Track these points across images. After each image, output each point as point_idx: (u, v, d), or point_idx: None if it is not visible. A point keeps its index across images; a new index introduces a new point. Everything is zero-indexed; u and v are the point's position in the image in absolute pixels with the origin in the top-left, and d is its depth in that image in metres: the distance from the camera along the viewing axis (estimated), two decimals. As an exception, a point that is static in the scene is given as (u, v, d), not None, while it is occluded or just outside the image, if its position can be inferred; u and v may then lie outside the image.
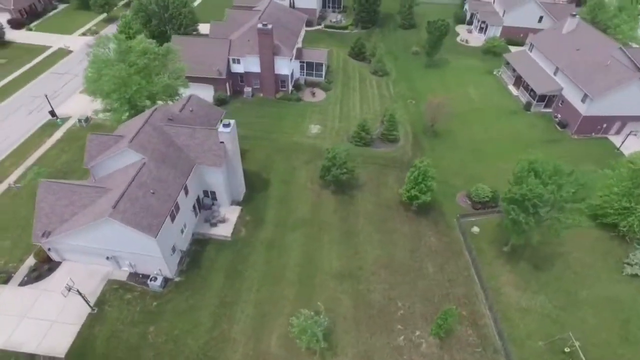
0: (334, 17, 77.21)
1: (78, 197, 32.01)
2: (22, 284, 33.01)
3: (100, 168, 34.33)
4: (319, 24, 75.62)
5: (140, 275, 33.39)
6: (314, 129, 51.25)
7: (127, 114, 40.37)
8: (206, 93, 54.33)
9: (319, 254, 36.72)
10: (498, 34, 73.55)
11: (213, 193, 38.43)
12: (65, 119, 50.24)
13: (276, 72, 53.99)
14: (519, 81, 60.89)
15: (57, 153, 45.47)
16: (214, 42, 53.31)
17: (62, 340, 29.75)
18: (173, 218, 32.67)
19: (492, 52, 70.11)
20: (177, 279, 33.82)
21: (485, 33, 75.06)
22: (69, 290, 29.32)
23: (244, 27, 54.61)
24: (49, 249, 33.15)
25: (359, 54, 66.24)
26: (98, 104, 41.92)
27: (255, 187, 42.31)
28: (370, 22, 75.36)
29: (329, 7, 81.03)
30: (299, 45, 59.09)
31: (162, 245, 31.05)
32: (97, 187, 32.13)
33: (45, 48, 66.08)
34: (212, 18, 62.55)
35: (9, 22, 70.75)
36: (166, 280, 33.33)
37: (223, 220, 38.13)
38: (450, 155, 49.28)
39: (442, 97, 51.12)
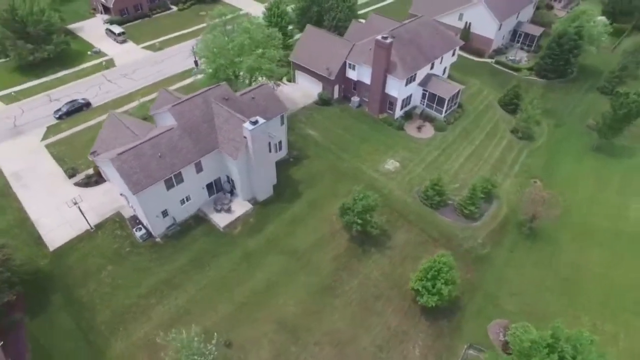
0: (513, 55, 64.09)
1: (122, 134, 36.90)
2: (77, 183, 40.82)
3: (158, 118, 38.48)
4: (491, 57, 64.12)
5: (137, 221, 36.66)
6: (391, 165, 44.76)
7: (213, 80, 43.55)
8: (313, 89, 53.93)
9: (281, 290, 32.81)
10: None
11: (234, 182, 38.38)
12: (201, 71, 57.96)
13: (386, 90, 48.89)
14: None
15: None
16: (338, 41, 51.60)
17: (59, 238, 35.78)
18: (170, 186, 34.26)
19: None
20: (157, 240, 35.86)
21: None
22: (75, 204, 34.61)
23: (375, 35, 50.77)
24: (99, 167, 39.71)
25: (509, 103, 53.61)
26: None
27: (283, 195, 40.32)
28: (555, 73, 59.36)
29: (518, 41, 67.59)
30: (431, 71, 51.51)
31: (145, 204, 33.13)
32: (134, 133, 36.13)
33: (235, 10, 76.92)
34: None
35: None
36: (149, 235, 35.69)
37: (228, 211, 37.94)
38: (527, 271, 36.04)
39: (552, 193, 37.25)
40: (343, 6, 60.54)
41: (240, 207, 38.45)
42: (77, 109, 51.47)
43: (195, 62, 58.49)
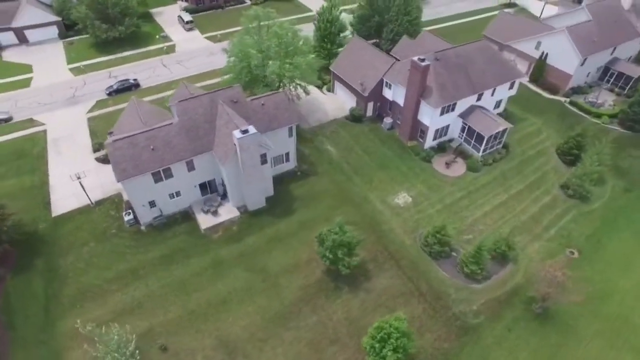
0: (595, 96, 54.46)
1: (136, 120, 38.45)
2: (97, 158, 43.99)
3: (174, 111, 39.51)
4: (566, 96, 55.30)
5: (130, 206, 38.09)
6: (402, 199, 40.81)
7: (236, 81, 43.60)
8: (348, 102, 51.54)
9: (235, 308, 31.56)
10: None
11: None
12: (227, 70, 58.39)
13: (418, 117, 44.68)
14: None
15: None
16: (380, 56, 48.27)
17: (63, 207, 38.73)
18: (158, 180, 34.92)
19: None
20: (142, 228, 36.90)
21: None
22: (78, 179, 37.05)
23: (423, 54, 46.51)
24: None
25: (568, 152, 45.57)
26: None
27: (275, 209, 39.03)
28: (644, 126, 49.28)
29: (608, 81, 57.39)
30: (478, 102, 45.76)
31: (131, 192, 34.26)
32: (142, 122, 37.43)
33: (303, 10, 77.19)
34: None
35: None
36: (136, 221, 36.88)
37: (215, 214, 37.71)
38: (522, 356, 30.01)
39: (563, 266, 30.46)
40: (403, 20, 56.73)
41: (227, 212, 37.98)
42: (126, 88, 55.51)
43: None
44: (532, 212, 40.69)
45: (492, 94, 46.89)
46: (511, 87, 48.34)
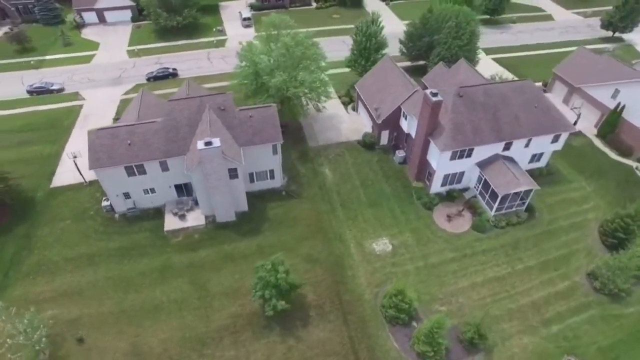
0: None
1: (135, 111, 40.39)
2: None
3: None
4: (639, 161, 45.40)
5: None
6: (381, 245, 37.01)
7: (240, 86, 43.57)
8: (367, 125, 48.52)
9: (163, 319, 31.39)
10: None
11: (199, 192, 38.11)
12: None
13: (427, 156, 40.16)
14: None
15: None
16: (404, 82, 44.12)
17: (61, 180, 42.44)
18: (131, 174, 36.25)
19: None
20: (115, 216, 38.74)
21: None
22: (74, 157, 40.14)
23: (454, 85, 41.57)
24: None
25: (611, 234, 37.12)
26: None
27: (243, 225, 38.19)
28: None
29: None
30: (506, 152, 39.50)
31: (104, 182, 36.23)
32: (138, 114, 39.04)
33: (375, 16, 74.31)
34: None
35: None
36: (111, 209, 38.82)
37: (182, 217, 38.07)
38: None
39: None
40: (452, 44, 51.46)
41: (194, 219, 38.10)
42: (164, 76, 59.03)
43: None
44: (536, 297, 34.05)
45: (527, 145, 40.22)
46: (555, 140, 40.97)
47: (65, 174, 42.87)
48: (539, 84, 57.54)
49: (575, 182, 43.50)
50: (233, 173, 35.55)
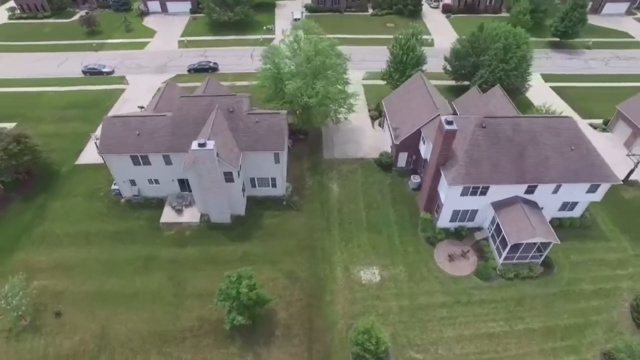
0: None
1: (155, 100, 42.43)
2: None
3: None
4: None
5: (128, 177, 42.50)
6: (370, 275, 35.08)
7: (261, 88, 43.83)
8: (387, 144, 46.39)
9: (136, 308, 32.45)
10: None
11: (199, 189, 38.88)
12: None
13: (438, 187, 37.42)
14: None
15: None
16: (428, 103, 41.33)
17: (86, 159, 45.94)
18: (137, 163, 37.96)
19: None
20: (122, 201, 40.89)
21: None
22: (96, 140, 42.97)
23: (482, 112, 38.28)
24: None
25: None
26: None
27: (236, 230, 38.37)
28: None
29: None
30: (529, 195, 35.47)
31: (113, 168, 38.57)
32: (157, 106, 40.76)
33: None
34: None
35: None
36: (119, 194, 41.02)
37: (179, 212, 39.12)
38: None
39: None
40: (497, 67, 47.45)
41: (190, 215, 38.97)
42: (204, 69, 61.32)
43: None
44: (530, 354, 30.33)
45: (555, 192, 35.87)
46: (592, 190, 36.08)
47: (91, 154, 45.98)
48: (599, 121, 51.28)
49: (615, 241, 38.06)
50: (229, 176, 35.79)
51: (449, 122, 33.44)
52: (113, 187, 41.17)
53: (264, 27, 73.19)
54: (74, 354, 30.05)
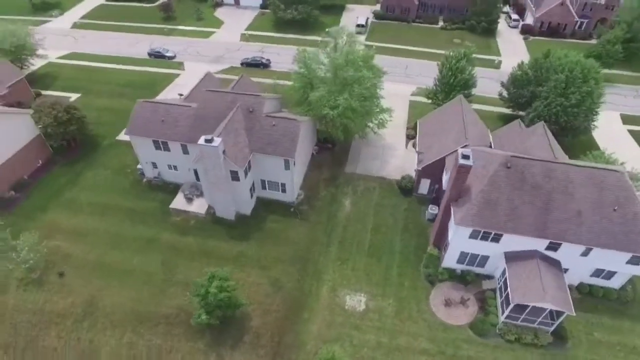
0: None
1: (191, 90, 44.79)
2: (179, 111, 53.04)
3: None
4: None
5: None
6: (355, 301, 33.64)
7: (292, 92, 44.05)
8: (413, 167, 44.17)
9: (128, 285, 34.57)
10: None
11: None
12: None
13: (448, 223, 34.74)
14: None
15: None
16: (458, 131, 38.32)
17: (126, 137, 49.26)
18: (157, 148, 40.33)
19: None
20: (144, 181, 43.71)
21: None
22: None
23: (511, 147, 34.79)
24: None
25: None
26: None
27: (238, 228, 39.12)
28: None
29: None
30: (552, 253, 31.41)
31: (137, 149, 41.37)
32: (191, 96, 42.91)
33: (491, 51, 66.70)
34: None
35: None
36: (142, 173, 43.84)
37: (190, 201, 40.78)
38: None
39: None
40: (555, 102, 42.61)
41: (198, 205, 40.43)
42: (256, 64, 63.19)
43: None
44: None
45: (585, 254, 31.44)
46: (636, 262, 30.98)
47: (131, 131, 49.85)
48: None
49: (660, 325, 32.47)
50: (234, 175, 36.52)
51: (465, 156, 30.79)
52: (139, 166, 44.13)
53: (326, 30, 73.23)
54: (63, 314, 32.79)
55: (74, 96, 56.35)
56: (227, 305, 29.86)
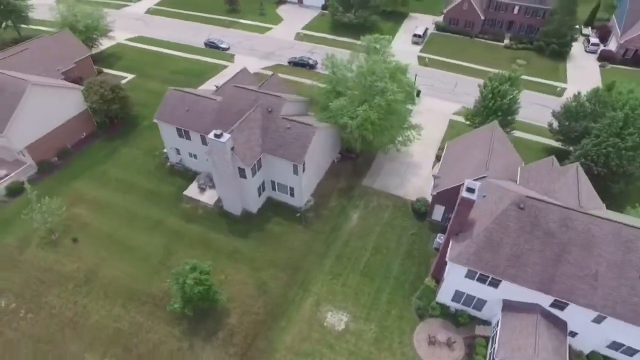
0: None
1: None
2: (217, 102, 55.22)
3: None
4: None
5: (182, 145, 47.64)
6: (336, 319, 32.77)
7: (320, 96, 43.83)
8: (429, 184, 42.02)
9: (126, 262, 36.88)
10: None
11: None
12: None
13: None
14: None
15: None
16: (479, 159, 35.47)
17: (163, 119, 52.34)
18: (180, 136, 42.51)
19: None
20: (168, 164, 46.28)
21: None
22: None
23: (536, 186, 31.50)
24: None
25: None
26: None
27: (241, 224, 40.02)
28: None
29: None
30: (559, 311, 28.02)
31: (163, 134, 43.67)
32: (216, 87, 44.48)
33: (556, 76, 61.18)
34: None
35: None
36: (167, 158, 46.32)
37: (202, 191, 42.35)
38: None
39: None
40: (607, 141, 37.84)
41: (209, 196, 41.87)
42: (302, 64, 63.82)
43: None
44: None
45: (597, 321, 27.73)
46: (654, 340, 26.83)
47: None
48: None
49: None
50: (242, 172, 37.21)
51: (470, 189, 28.57)
52: (165, 150, 46.65)
53: (361, 37, 71.99)
54: (67, 277, 35.80)
55: (129, 76, 61.01)
56: (202, 298, 30.63)
